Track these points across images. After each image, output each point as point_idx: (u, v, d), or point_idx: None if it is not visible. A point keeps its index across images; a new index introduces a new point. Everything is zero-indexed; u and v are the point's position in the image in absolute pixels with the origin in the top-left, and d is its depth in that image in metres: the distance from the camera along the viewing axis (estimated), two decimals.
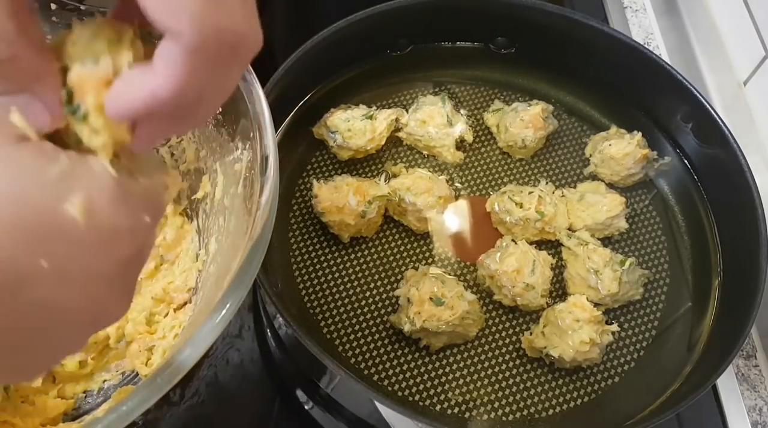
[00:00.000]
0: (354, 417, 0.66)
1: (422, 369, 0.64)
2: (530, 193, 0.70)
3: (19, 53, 0.28)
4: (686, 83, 0.73)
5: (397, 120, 0.75)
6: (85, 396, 0.58)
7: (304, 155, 0.75)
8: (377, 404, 0.61)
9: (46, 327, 0.29)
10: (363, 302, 0.67)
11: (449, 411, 0.62)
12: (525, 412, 0.63)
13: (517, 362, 0.65)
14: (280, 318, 0.65)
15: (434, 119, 0.74)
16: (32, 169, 0.28)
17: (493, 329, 0.66)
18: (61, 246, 0.28)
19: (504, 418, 0.62)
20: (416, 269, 0.68)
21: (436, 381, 0.63)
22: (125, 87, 0.30)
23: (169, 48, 0.28)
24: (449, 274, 0.67)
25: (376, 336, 0.65)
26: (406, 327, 0.62)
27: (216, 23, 0.28)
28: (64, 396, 0.57)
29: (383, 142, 0.74)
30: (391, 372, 0.64)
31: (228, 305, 0.42)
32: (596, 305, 0.64)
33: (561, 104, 0.81)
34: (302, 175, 0.74)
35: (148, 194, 0.32)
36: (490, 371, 0.64)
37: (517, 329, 0.67)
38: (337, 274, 0.68)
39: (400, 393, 0.63)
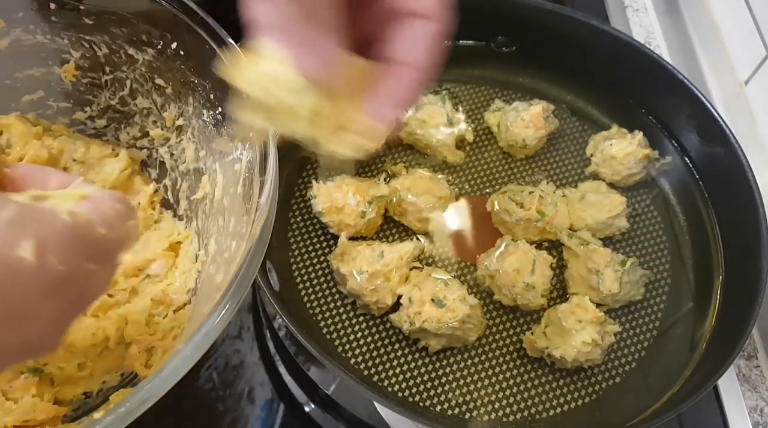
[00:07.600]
0: (354, 417, 0.66)
1: (422, 370, 0.64)
2: (531, 192, 0.70)
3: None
4: (687, 83, 0.73)
5: None
6: (85, 398, 0.58)
7: (304, 155, 0.75)
8: (377, 405, 0.61)
9: None
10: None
11: (449, 412, 0.62)
12: (526, 413, 0.62)
13: (518, 362, 0.65)
14: (280, 319, 0.65)
15: (434, 119, 0.74)
16: None
17: (494, 329, 0.66)
18: (13, 289, 0.29)
19: (504, 419, 0.62)
20: (420, 269, 0.67)
21: (436, 382, 0.63)
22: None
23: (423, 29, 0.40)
24: (450, 275, 0.67)
25: (376, 337, 0.65)
26: (405, 327, 0.62)
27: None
28: (63, 399, 0.56)
29: (383, 142, 0.73)
30: (390, 372, 0.63)
31: (227, 305, 0.42)
32: (597, 305, 0.64)
33: (562, 103, 0.81)
34: (302, 175, 0.74)
35: (106, 243, 0.34)
36: (490, 371, 0.64)
37: (518, 329, 0.66)
38: None
39: (400, 394, 0.62)
